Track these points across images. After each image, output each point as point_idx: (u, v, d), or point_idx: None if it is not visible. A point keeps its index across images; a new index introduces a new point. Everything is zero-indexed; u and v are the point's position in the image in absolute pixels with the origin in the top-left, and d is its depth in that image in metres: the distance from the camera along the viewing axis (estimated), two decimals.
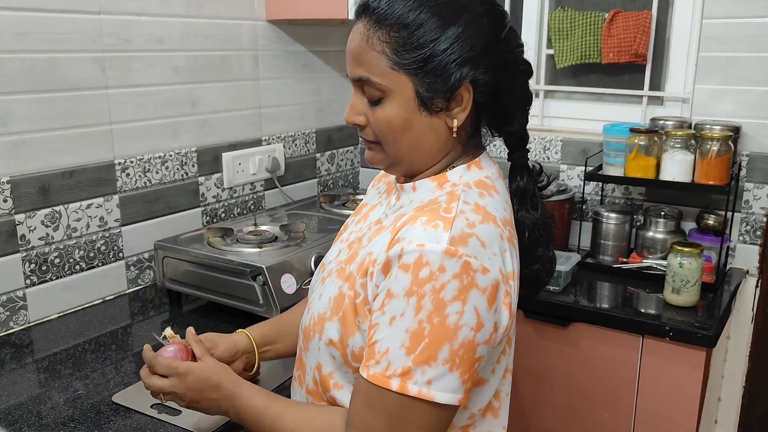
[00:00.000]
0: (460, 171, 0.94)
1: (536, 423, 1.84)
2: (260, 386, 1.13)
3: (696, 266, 1.63)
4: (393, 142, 0.91)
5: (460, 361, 0.81)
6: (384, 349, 0.81)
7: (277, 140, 2.13)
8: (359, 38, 0.89)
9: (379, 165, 0.97)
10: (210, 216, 1.94)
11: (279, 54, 2.09)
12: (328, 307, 0.94)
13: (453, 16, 0.86)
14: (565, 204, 1.99)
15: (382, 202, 1.07)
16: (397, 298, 0.81)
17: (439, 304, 0.79)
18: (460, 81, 0.87)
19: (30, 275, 1.51)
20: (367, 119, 0.92)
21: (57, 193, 1.53)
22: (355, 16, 0.92)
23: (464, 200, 0.87)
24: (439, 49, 0.86)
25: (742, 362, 1.96)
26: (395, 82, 0.87)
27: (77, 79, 1.55)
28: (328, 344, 0.92)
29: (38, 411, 1.17)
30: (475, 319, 0.81)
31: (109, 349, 1.43)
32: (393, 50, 0.86)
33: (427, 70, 0.86)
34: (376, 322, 0.83)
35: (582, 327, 1.71)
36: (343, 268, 0.96)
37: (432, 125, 0.90)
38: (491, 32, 0.89)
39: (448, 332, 0.80)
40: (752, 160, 1.87)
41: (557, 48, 2.13)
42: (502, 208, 0.92)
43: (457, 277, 0.80)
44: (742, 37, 1.82)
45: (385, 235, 0.90)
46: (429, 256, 0.80)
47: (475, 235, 0.83)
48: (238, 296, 1.51)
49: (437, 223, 0.82)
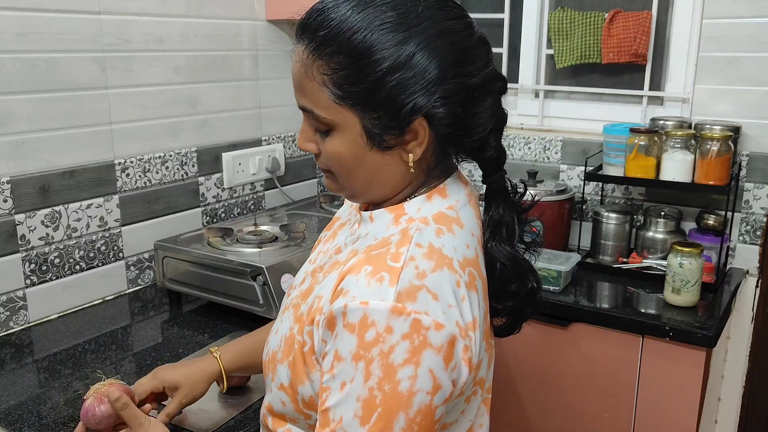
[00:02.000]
0: (418, 203, 0.83)
1: (536, 423, 1.84)
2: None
3: (696, 266, 1.63)
4: (345, 176, 0.83)
5: (418, 428, 0.73)
6: (338, 418, 0.74)
7: (277, 140, 2.13)
8: (299, 66, 0.79)
9: (338, 193, 0.89)
10: (210, 216, 1.94)
11: (279, 54, 2.09)
12: (279, 348, 0.87)
13: (403, 41, 0.75)
14: (565, 204, 1.99)
15: (350, 219, 0.96)
16: (344, 362, 0.73)
17: (389, 370, 0.71)
18: (410, 116, 0.76)
19: (30, 275, 1.51)
20: (319, 148, 0.83)
21: (57, 193, 1.53)
22: (296, 36, 0.81)
23: (417, 242, 0.77)
24: (386, 80, 0.75)
25: (742, 362, 1.96)
26: (340, 117, 0.78)
27: (77, 79, 1.55)
28: (279, 388, 0.86)
29: (38, 411, 1.17)
30: (431, 382, 0.72)
31: (109, 349, 1.43)
32: (334, 83, 0.76)
33: (373, 105, 0.76)
34: (327, 386, 0.75)
35: (582, 327, 1.71)
36: (298, 303, 0.88)
37: (385, 161, 0.80)
38: (449, 54, 0.77)
39: (402, 400, 0.71)
40: (752, 160, 1.87)
41: (557, 48, 2.13)
42: (463, 245, 0.81)
43: (406, 338, 0.71)
44: (743, 37, 1.82)
45: (334, 276, 0.80)
46: (374, 316, 0.71)
47: (425, 287, 0.74)
48: (238, 296, 1.51)
49: (382, 275, 0.74)
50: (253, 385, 1.24)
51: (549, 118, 2.22)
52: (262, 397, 1.21)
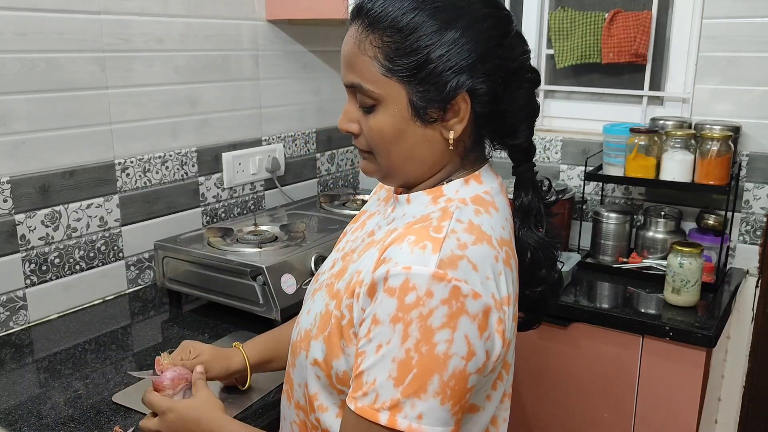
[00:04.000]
0: (456, 185, 0.88)
1: (536, 423, 1.84)
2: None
3: (696, 266, 1.63)
4: (385, 152, 0.87)
5: (451, 393, 0.76)
6: (371, 380, 0.76)
7: (277, 140, 2.13)
8: (352, 42, 0.85)
9: (374, 176, 0.93)
10: (210, 216, 1.94)
11: (279, 54, 2.09)
12: (314, 325, 0.90)
13: (450, 20, 0.81)
14: (565, 204, 1.99)
15: (380, 210, 1.01)
16: (382, 325, 0.76)
17: (427, 332, 0.74)
18: (456, 90, 0.81)
19: (30, 275, 1.51)
20: (361, 127, 0.88)
21: (57, 193, 1.53)
22: (350, 18, 0.87)
23: (457, 218, 0.82)
24: (434, 56, 0.81)
25: (742, 362, 1.96)
26: (387, 90, 0.83)
27: (77, 79, 1.55)
28: (313, 364, 0.88)
29: (38, 411, 1.17)
30: (466, 347, 0.76)
31: (109, 349, 1.43)
32: (385, 56, 0.82)
33: (420, 78, 0.82)
34: (362, 350, 0.78)
35: (582, 327, 1.71)
36: (332, 283, 0.91)
37: (426, 136, 0.85)
38: (492, 37, 0.83)
39: (438, 362, 0.75)
40: (752, 160, 1.87)
41: (557, 48, 2.14)
42: (500, 226, 0.86)
43: (445, 303, 0.75)
44: (742, 37, 1.82)
45: (373, 252, 0.85)
46: (416, 280, 0.75)
47: (466, 257, 0.78)
48: (238, 296, 1.51)
49: (425, 243, 0.77)
50: (254, 384, 1.24)
51: (549, 118, 2.23)
52: (262, 397, 1.22)
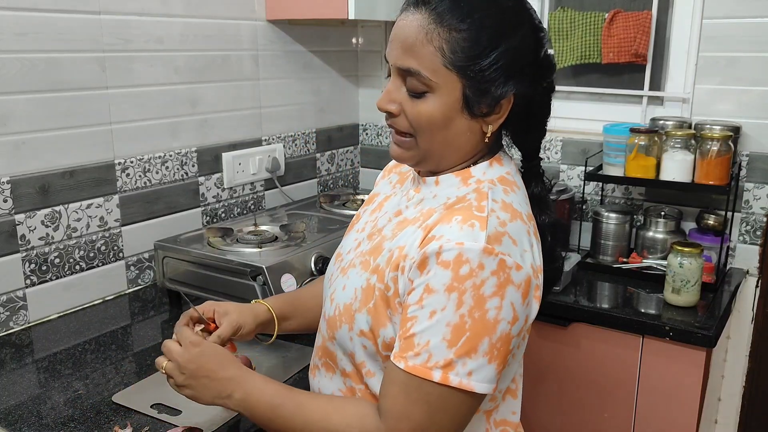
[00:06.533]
0: (482, 167, 0.96)
1: (536, 423, 1.84)
2: None
3: (696, 266, 1.63)
4: (429, 136, 0.92)
5: (497, 354, 0.85)
6: (424, 342, 0.85)
7: (277, 140, 2.13)
8: (416, 30, 0.88)
9: (408, 161, 0.97)
10: (210, 216, 1.94)
11: (279, 54, 2.09)
12: (355, 299, 0.96)
13: (512, 28, 0.89)
14: (566, 204, 1.99)
15: (396, 192, 1.08)
16: (437, 294, 0.84)
17: (480, 300, 0.83)
18: (507, 91, 0.89)
19: (30, 275, 1.51)
20: (402, 109, 0.92)
21: (57, 193, 1.53)
22: (412, 4, 0.91)
23: (493, 198, 0.90)
24: (495, 58, 0.87)
25: (742, 362, 1.96)
26: (445, 80, 0.88)
27: (77, 79, 1.55)
28: (359, 335, 0.95)
29: (38, 411, 1.17)
30: (512, 313, 0.86)
31: (109, 349, 1.43)
32: (451, 49, 0.87)
33: (479, 76, 0.88)
34: (413, 315, 0.86)
35: (582, 327, 1.71)
36: (367, 260, 0.98)
37: (470, 127, 0.92)
38: (536, 49, 0.92)
39: (488, 326, 0.84)
40: (752, 160, 1.87)
41: (557, 48, 2.13)
42: (525, 203, 0.95)
43: (495, 274, 0.84)
44: (742, 37, 1.82)
45: (414, 231, 0.92)
46: (468, 254, 0.83)
47: (507, 233, 0.87)
48: (238, 296, 1.51)
49: (473, 222, 0.86)
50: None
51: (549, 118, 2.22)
52: None
